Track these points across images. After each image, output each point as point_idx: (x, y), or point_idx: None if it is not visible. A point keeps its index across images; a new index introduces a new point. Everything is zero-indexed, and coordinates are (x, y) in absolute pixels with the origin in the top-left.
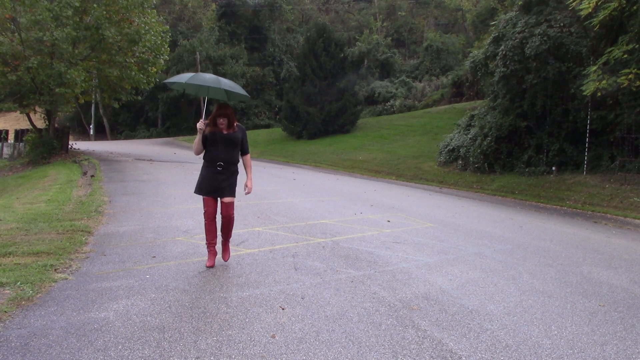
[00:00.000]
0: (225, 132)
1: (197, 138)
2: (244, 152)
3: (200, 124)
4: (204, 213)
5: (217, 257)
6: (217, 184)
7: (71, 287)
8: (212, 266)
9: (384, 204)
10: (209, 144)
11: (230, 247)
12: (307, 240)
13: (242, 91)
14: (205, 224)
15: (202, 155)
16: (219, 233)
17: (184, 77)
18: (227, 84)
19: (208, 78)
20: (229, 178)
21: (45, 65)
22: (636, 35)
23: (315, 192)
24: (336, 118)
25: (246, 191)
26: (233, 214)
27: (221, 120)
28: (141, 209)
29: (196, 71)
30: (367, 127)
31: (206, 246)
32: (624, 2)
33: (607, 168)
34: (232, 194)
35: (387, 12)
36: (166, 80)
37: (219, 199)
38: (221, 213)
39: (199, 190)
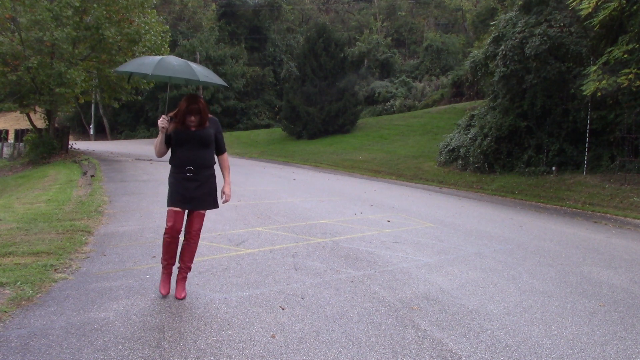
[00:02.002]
0: (194, 129)
1: (159, 138)
2: (220, 151)
3: (162, 122)
4: (167, 228)
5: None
6: (188, 193)
7: (71, 287)
8: (167, 293)
9: (384, 204)
10: (174, 144)
11: (230, 247)
12: (307, 240)
13: (219, 80)
14: (164, 240)
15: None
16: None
17: (147, 66)
18: (201, 73)
19: (177, 66)
20: (203, 185)
21: (45, 65)
22: (636, 35)
23: (315, 192)
24: (336, 118)
25: (223, 199)
26: (200, 230)
27: (192, 118)
28: (141, 209)
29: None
30: (367, 127)
31: (162, 267)
32: (624, 2)
33: (607, 168)
34: (212, 204)
35: (387, 12)
36: (119, 69)
37: (187, 211)
38: (186, 229)
39: (170, 201)
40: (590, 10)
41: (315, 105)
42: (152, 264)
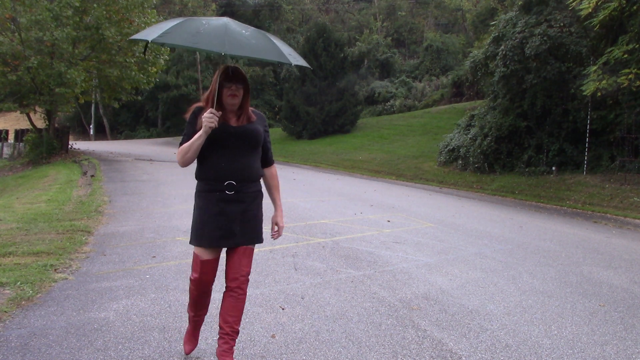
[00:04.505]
0: (234, 122)
1: (198, 141)
2: (268, 162)
3: (210, 119)
4: (196, 275)
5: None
6: (229, 223)
7: (71, 287)
8: (192, 350)
9: (384, 204)
10: (205, 147)
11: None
12: (307, 240)
13: (303, 61)
14: (192, 294)
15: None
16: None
17: (210, 38)
18: (287, 51)
19: (255, 44)
20: (249, 209)
21: (45, 65)
22: (636, 35)
23: (315, 192)
24: (336, 118)
25: (274, 233)
26: (249, 274)
27: (232, 88)
28: (141, 209)
29: (196, 71)
30: (367, 127)
31: (189, 319)
32: (624, 2)
33: (607, 168)
34: (258, 238)
35: (387, 12)
36: (155, 39)
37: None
38: (227, 275)
39: (198, 237)
40: (590, 10)
41: (315, 105)
42: (152, 264)
